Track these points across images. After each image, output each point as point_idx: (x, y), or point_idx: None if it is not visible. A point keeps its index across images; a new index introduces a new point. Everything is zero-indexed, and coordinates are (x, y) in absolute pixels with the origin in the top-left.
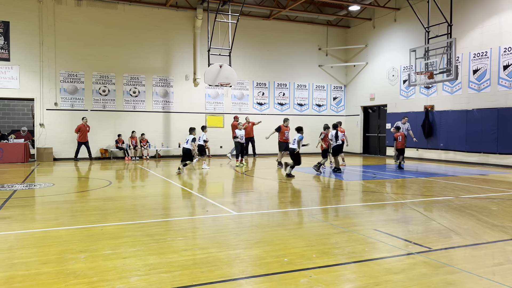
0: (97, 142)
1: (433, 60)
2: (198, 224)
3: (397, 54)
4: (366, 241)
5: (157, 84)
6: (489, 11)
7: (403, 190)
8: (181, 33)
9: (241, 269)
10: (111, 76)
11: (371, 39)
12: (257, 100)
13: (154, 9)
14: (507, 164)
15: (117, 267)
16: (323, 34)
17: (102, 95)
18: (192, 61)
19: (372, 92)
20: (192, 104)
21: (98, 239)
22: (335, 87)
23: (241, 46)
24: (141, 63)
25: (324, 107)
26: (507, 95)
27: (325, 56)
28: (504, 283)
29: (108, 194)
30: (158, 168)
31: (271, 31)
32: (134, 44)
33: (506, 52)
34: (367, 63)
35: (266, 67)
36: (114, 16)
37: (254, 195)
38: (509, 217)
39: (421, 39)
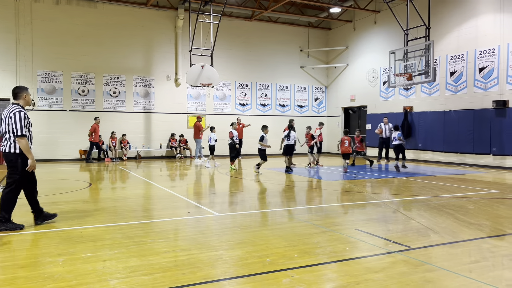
0: (77, 143)
1: (412, 62)
2: (180, 226)
3: (377, 56)
4: (347, 240)
5: (138, 84)
6: (466, 15)
7: (383, 189)
8: (162, 33)
9: (224, 270)
10: (91, 76)
11: (351, 41)
12: (240, 101)
13: (135, 8)
14: (482, 163)
15: (96, 270)
16: (304, 35)
17: (81, 95)
18: (174, 61)
19: (352, 93)
20: (173, 104)
21: (77, 241)
22: (317, 88)
23: (223, 46)
24: (121, 63)
25: (306, 108)
26: (482, 96)
27: (307, 58)
28: (480, 280)
29: (88, 196)
30: (139, 169)
31: (253, 32)
32: (114, 43)
33: (481, 55)
34: (347, 64)
35: (248, 68)
36: (94, 15)
37: (237, 196)
38: (485, 216)
39: (400, 42)
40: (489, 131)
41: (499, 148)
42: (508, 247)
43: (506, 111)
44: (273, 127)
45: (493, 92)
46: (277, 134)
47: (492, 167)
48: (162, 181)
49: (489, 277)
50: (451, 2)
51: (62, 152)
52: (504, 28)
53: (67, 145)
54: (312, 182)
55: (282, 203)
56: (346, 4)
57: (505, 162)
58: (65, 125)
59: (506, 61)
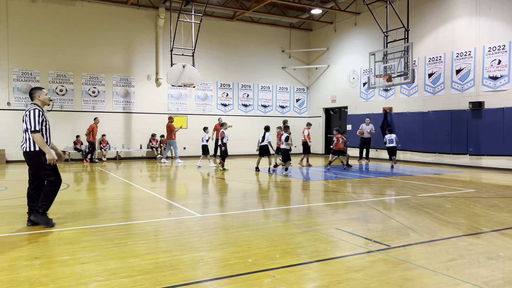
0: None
1: (391, 64)
2: (161, 227)
3: (357, 57)
4: (328, 240)
5: (118, 84)
6: (443, 17)
7: (363, 189)
8: (143, 32)
9: (205, 271)
10: (69, 75)
11: (332, 42)
12: (221, 101)
13: (115, 7)
14: (459, 163)
15: (75, 273)
16: (286, 36)
17: (59, 95)
18: (154, 60)
19: (333, 94)
20: (154, 104)
21: (55, 244)
22: (298, 89)
23: (205, 46)
24: (100, 62)
25: (288, 109)
26: (459, 98)
27: (288, 58)
28: (457, 277)
29: (66, 197)
30: (118, 170)
31: (235, 32)
32: (93, 42)
33: (458, 57)
34: (328, 65)
35: (230, 68)
36: (72, 13)
37: (218, 196)
38: (462, 214)
39: (380, 43)
40: (466, 131)
41: (475, 149)
42: (484, 245)
43: (482, 112)
44: (255, 128)
45: (469, 94)
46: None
47: (469, 166)
48: (143, 182)
49: (466, 274)
50: (429, 5)
51: None
52: (479, 31)
53: None
54: (294, 182)
55: (264, 203)
56: (327, 5)
57: (481, 162)
58: None
59: (482, 63)
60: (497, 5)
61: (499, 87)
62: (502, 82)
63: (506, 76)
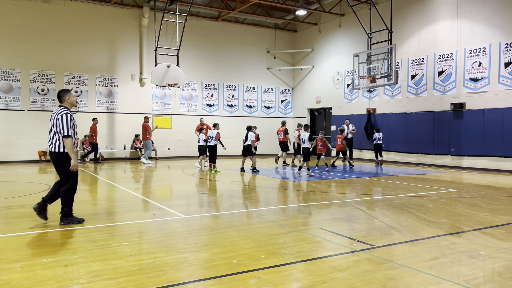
0: (36, 144)
1: (375, 65)
2: (145, 229)
3: (341, 59)
4: (313, 240)
5: (101, 84)
6: (425, 20)
7: (347, 189)
8: (126, 31)
9: (190, 272)
10: (51, 74)
11: (317, 44)
12: (206, 102)
13: (98, 5)
14: (441, 164)
15: (56, 275)
16: (271, 37)
17: (41, 94)
18: (138, 60)
19: (318, 95)
20: (138, 104)
21: (36, 246)
22: (283, 89)
23: (190, 46)
24: (83, 62)
25: (273, 109)
26: (442, 99)
27: (273, 59)
28: (439, 276)
29: None
30: (101, 171)
31: (220, 33)
32: (76, 41)
33: (440, 59)
34: (313, 66)
35: (215, 68)
36: (54, 11)
37: (203, 197)
38: (444, 214)
39: (364, 45)
40: (448, 132)
41: (457, 149)
42: (465, 244)
43: (463, 113)
44: (240, 128)
45: (451, 95)
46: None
47: (451, 167)
48: (126, 183)
49: (448, 273)
50: (411, 7)
51: (20, 153)
52: (461, 33)
53: (25, 146)
54: (278, 182)
55: (249, 204)
56: (312, 7)
57: (462, 162)
58: (23, 125)
59: (463, 65)
60: (477, 8)
61: (479, 89)
62: (482, 84)
63: (486, 78)
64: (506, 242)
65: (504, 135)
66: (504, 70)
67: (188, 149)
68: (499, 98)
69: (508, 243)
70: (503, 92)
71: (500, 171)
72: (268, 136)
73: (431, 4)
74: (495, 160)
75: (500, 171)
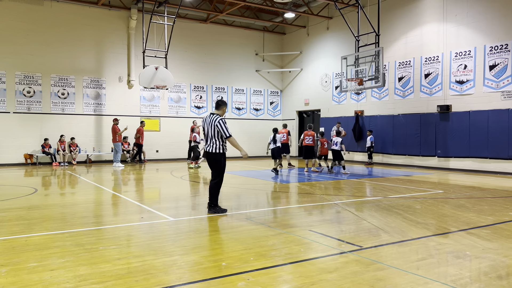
0: (21, 147)
1: (362, 68)
2: (133, 232)
3: (329, 61)
4: (302, 241)
5: (88, 86)
6: (412, 23)
7: (336, 191)
8: (114, 33)
9: (178, 276)
10: (37, 76)
11: (305, 46)
12: (195, 104)
13: (85, 7)
14: (428, 165)
15: (43, 280)
16: (259, 39)
17: (27, 97)
18: (126, 62)
19: (306, 97)
20: (126, 107)
21: (22, 251)
22: (272, 92)
23: (178, 48)
24: (70, 63)
25: (262, 111)
26: (428, 101)
27: (262, 62)
28: (427, 276)
29: (34, 202)
30: (89, 174)
31: (208, 35)
32: (63, 43)
33: (427, 62)
34: (301, 69)
35: (204, 70)
36: (41, 12)
37: (192, 200)
38: (431, 215)
39: (352, 47)
40: (434, 134)
41: (443, 150)
42: (452, 244)
43: (449, 115)
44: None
45: (437, 97)
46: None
47: (437, 168)
48: (114, 186)
49: (435, 273)
50: (398, 11)
51: (5, 156)
52: (446, 37)
53: (11, 149)
54: (267, 184)
55: (238, 206)
56: (300, 9)
57: (449, 164)
58: (8, 128)
59: (449, 68)
60: (462, 12)
61: (465, 91)
62: (468, 86)
63: (472, 81)
64: (491, 242)
65: (489, 137)
66: (488, 73)
67: (177, 152)
68: (484, 100)
69: (493, 243)
70: (488, 94)
71: (486, 172)
72: (257, 138)
73: (418, 7)
74: (481, 161)
75: (485, 172)
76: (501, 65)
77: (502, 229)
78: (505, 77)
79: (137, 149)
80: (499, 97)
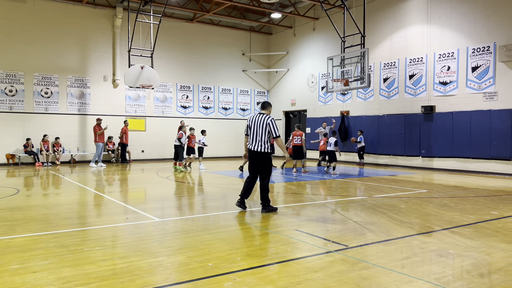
0: (3, 147)
1: (348, 68)
2: (118, 233)
3: (316, 62)
4: (288, 241)
5: (72, 85)
6: (397, 24)
7: (322, 191)
8: (99, 31)
9: (164, 276)
10: (19, 75)
11: (292, 47)
12: (181, 103)
13: (69, 5)
14: (412, 165)
15: (26, 282)
16: (246, 39)
17: (9, 95)
18: (111, 61)
19: (293, 98)
20: (111, 106)
21: (4, 253)
22: (259, 92)
23: (164, 47)
24: (54, 62)
25: (248, 111)
26: (412, 102)
27: (249, 62)
28: (411, 274)
29: (16, 203)
30: (73, 174)
31: (195, 34)
32: (46, 41)
33: (411, 63)
34: (288, 69)
35: (190, 70)
36: (23, 10)
37: (178, 200)
38: (415, 214)
39: (338, 48)
40: (419, 134)
41: (427, 151)
42: (436, 243)
43: (433, 116)
44: (216, 130)
45: (421, 98)
46: (220, 138)
47: (421, 168)
48: (99, 186)
49: (419, 271)
50: (384, 12)
51: None
52: (430, 38)
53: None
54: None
55: (224, 206)
56: (287, 10)
57: (433, 164)
58: None
59: (433, 69)
60: (446, 14)
61: (448, 92)
62: (451, 87)
63: (455, 82)
64: (473, 241)
65: (472, 137)
66: (471, 74)
67: (163, 152)
68: (467, 101)
69: (475, 241)
70: (470, 95)
71: (468, 172)
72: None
73: (402, 9)
74: (463, 161)
75: (468, 172)
76: (483, 66)
77: (484, 228)
78: (486, 78)
79: (121, 149)
80: (481, 98)
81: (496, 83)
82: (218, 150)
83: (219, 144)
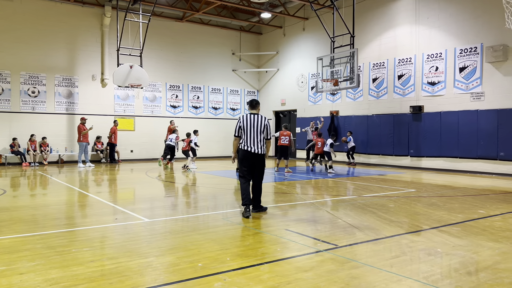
0: None
1: (338, 69)
2: (107, 233)
3: (305, 62)
4: (278, 241)
5: (60, 84)
6: (386, 25)
7: (312, 190)
8: (87, 30)
9: (154, 277)
10: (6, 74)
11: (282, 46)
12: (171, 103)
13: (57, 3)
14: (401, 164)
15: (12, 284)
16: (236, 39)
17: None
18: (100, 60)
19: (283, 98)
20: (99, 105)
21: None
22: (249, 91)
23: (153, 47)
24: (41, 61)
25: (238, 111)
26: (401, 102)
27: (239, 61)
28: (400, 273)
29: (2, 204)
30: (61, 174)
31: (184, 33)
32: (33, 39)
33: (400, 63)
34: (278, 69)
35: (180, 69)
36: (9, 8)
37: (167, 200)
38: (404, 213)
39: (327, 48)
40: (407, 134)
41: (415, 150)
42: (424, 242)
43: (421, 116)
44: (206, 130)
45: (410, 98)
46: (210, 138)
47: (410, 167)
48: (87, 186)
49: (408, 270)
50: (373, 13)
51: None
52: (419, 39)
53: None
54: None
55: (214, 206)
56: (276, 10)
57: (421, 163)
58: None
59: (421, 69)
60: (434, 14)
61: (436, 92)
62: (439, 87)
63: (443, 82)
64: (461, 240)
65: (459, 137)
66: (459, 75)
67: (152, 152)
68: (455, 101)
69: (463, 240)
70: (458, 95)
71: (456, 171)
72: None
73: (391, 10)
74: (451, 160)
75: (456, 171)
76: (470, 67)
77: (472, 227)
78: (474, 79)
79: (110, 149)
80: (469, 99)
81: (483, 84)
82: (209, 150)
83: (209, 144)
